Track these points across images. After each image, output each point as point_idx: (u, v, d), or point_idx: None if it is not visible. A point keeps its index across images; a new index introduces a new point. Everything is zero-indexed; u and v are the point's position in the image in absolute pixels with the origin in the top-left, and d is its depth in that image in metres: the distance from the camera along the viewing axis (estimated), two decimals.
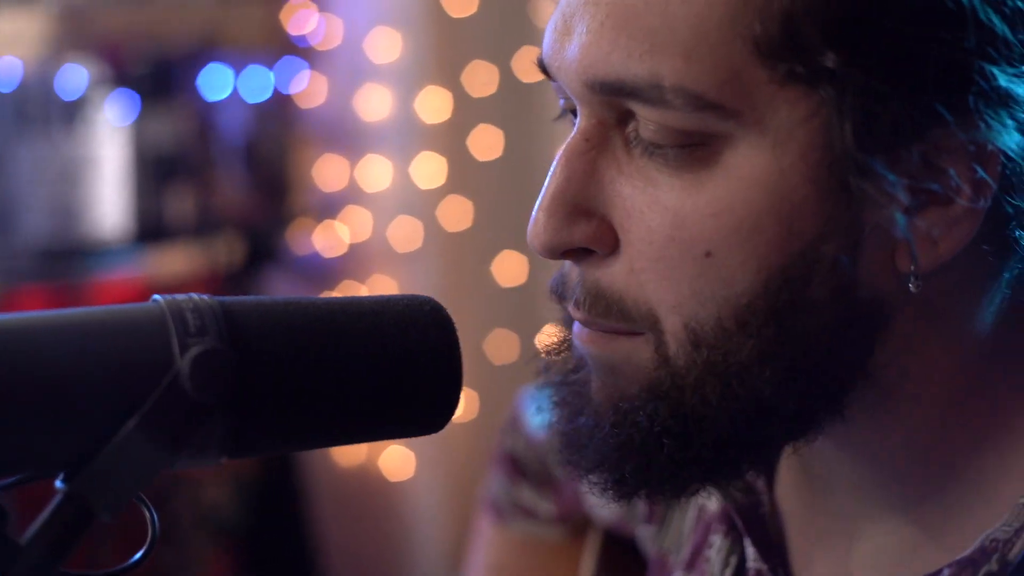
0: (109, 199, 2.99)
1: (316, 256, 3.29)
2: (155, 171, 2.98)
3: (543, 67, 0.82)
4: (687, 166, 0.75)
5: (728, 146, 0.75)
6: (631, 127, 0.78)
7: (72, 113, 3.08)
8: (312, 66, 3.33)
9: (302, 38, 3.34)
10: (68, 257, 2.95)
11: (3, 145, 3.03)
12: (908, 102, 0.73)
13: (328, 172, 3.32)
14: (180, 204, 3.14)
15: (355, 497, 3.40)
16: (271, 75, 3.39)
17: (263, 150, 3.39)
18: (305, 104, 3.37)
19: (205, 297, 0.70)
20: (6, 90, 3.15)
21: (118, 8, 3.56)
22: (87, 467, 0.66)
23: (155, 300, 0.70)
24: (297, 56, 3.35)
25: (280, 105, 3.38)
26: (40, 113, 3.11)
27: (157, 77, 2.98)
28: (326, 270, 3.27)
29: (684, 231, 0.75)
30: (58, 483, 0.67)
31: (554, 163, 0.79)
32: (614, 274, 0.78)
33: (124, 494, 0.67)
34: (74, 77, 3.61)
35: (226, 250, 3.14)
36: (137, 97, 2.98)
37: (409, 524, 3.25)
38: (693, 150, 0.75)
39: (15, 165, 3.01)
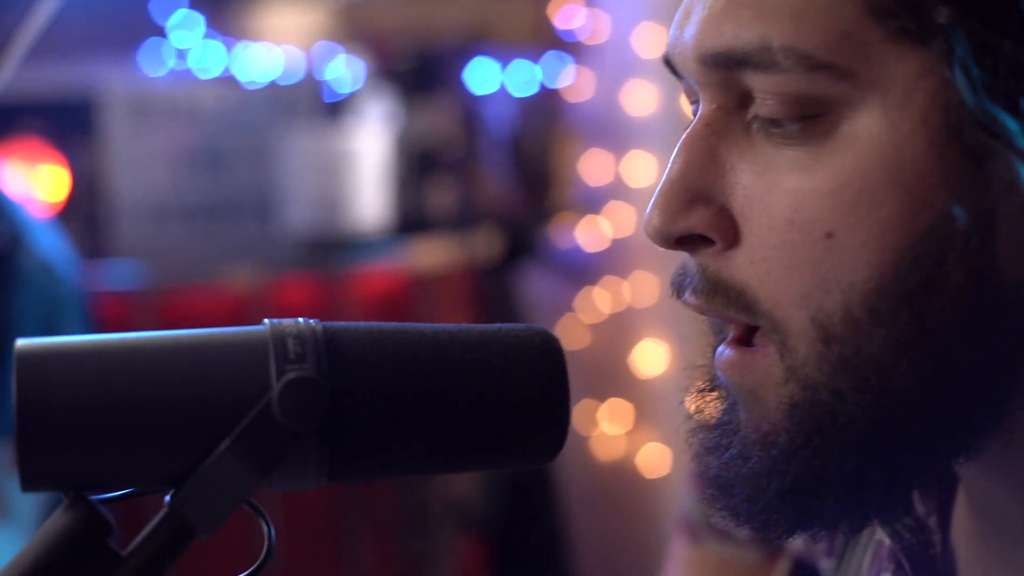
0: (372, 191, 3.05)
1: (577, 250, 3.30)
2: (418, 164, 3.03)
3: (668, 63, 0.80)
4: (805, 142, 0.72)
5: (845, 114, 0.71)
6: (751, 111, 0.75)
7: (339, 106, 3.17)
8: (578, 61, 3.33)
9: (569, 33, 3.35)
10: (331, 248, 3.03)
11: (272, 136, 3.13)
12: None
13: (592, 167, 3.31)
14: (442, 197, 3.18)
15: (609, 492, 3.39)
16: (537, 69, 3.40)
17: (527, 144, 3.41)
18: (571, 99, 3.37)
19: (312, 323, 0.70)
20: (282, 82, 3.25)
21: (390, 3, 3.64)
22: (185, 484, 0.67)
23: (264, 324, 0.70)
24: (564, 51, 3.36)
25: (546, 99, 3.40)
26: (309, 106, 3.20)
27: (423, 72, 3.03)
28: (587, 265, 3.27)
29: (803, 212, 0.71)
30: (166, 499, 0.68)
31: (675, 150, 0.77)
32: (735, 265, 0.75)
33: (219, 512, 0.68)
34: (344, 71, 3.71)
35: (485, 243, 3.17)
36: (402, 91, 3.03)
37: (663, 522, 3.23)
38: (810, 123, 0.71)
39: (283, 156, 3.11)
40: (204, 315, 2.90)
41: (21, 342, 0.67)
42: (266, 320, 0.70)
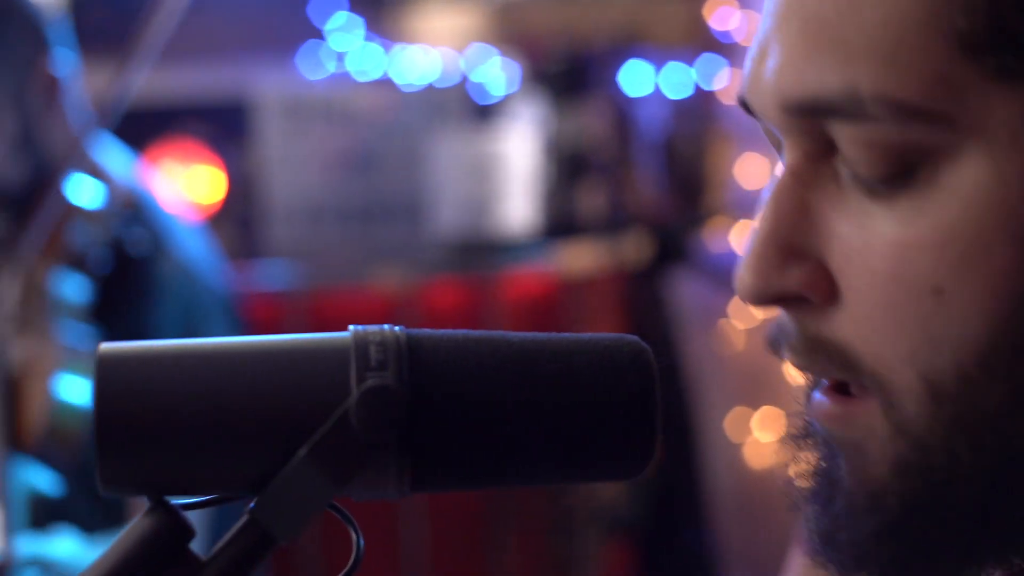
0: (522, 194, 3.06)
1: (731, 255, 3.26)
2: (569, 167, 3.03)
3: (744, 104, 0.76)
4: (903, 192, 0.68)
5: (944, 162, 0.67)
6: (840, 157, 0.71)
7: (491, 109, 3.18)
8: (733, 63, 3.29)
9: (724, 34, 3.31)
10: (480, 251, 3.05)
11: (424, 139, 3.16)
12: None
13: (747, 170, 3.28)
14: (592, 200, 3.18)
15: (761, 500, 3.36)
16: (692, 71, 3.37)
17: (681, 147, 3.39)
18: (726, 101, 3.34)
19: (396, 330, 0.69)
20: (436, 85, 3.28)
21: (544, 5, 3.65)
22: (264, 492, 0.67)
23: (348, 331, 0.69)
24: (719, 53, 3.33)
25: (700, 102, 3.37)
26: (461, 108, 3.22)
27: (575, 74, 3.03)
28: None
29: (907, 267, 0.67)
30: (251, 506, 0.68)
31: (762, 203, 0.73)
32: (835, 323, 0.70)
33: (298, 520, 0.67)
34: (497, 73, 3.72)
35: (635, 247, 3.15)
36: (554, 93, 3.03)
37: None
38: (907, 172, 0.68)
39: (434, 159, 3.13)
40: (354, 316, 2.90)
41: (103, 346, 0.68)
42: (351, 327, 0.70)
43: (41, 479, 1.80)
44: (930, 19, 0.66)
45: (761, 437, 3.40)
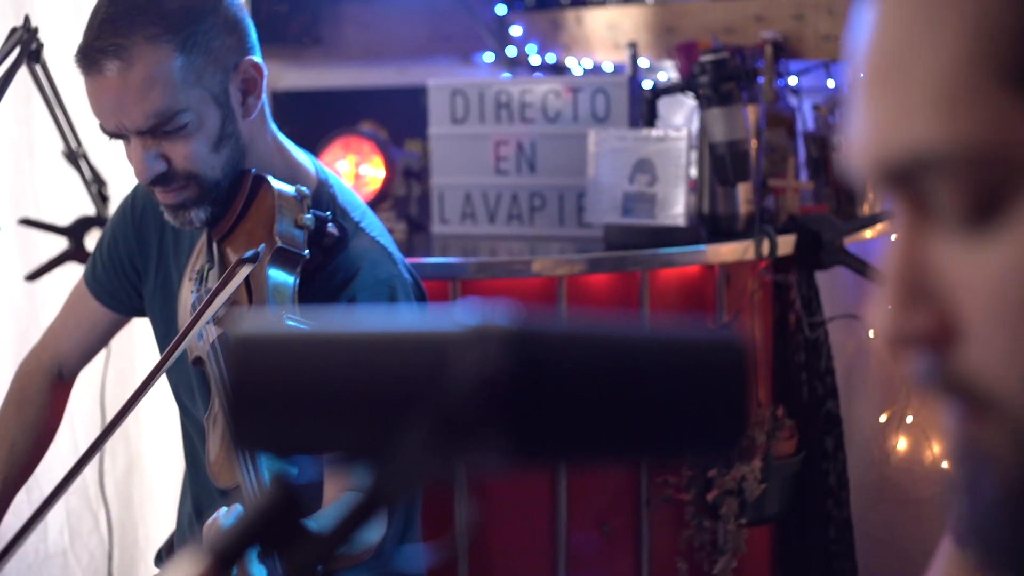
0: (680, 190, 3.14)
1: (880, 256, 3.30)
2: (725, 164, 3.09)
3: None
4: (999, 224, 0.71)
5: (1022, 191, 0.70)
6: (935, 196, 0.74)
7: (652, 105, 3.27)
8: None
9: None
10: (638, 244, 3.13)
11: (587, 132, 3.26)
12: None
13: None
14: (748, 197, 3.24)
15: (900, 494, 3.39)
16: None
17: (838, 151, 3.43)
18: None
19: (509, 318, 0.77)
20: (598, 80, 3.37)
21: (702, 5, 3.71)
22: (374, 462, 0.77)
23: (464, 319, 0.78)
24: None
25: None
26: (623, 103, 3.31)
27: (733, 73, 3.08)
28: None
29: (1016, 293, 0.71)
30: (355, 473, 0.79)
31: (885, 255, 0.77)
32: (963, 360, 0.74)
33: (404, 489, 0.77)
34: (657, 70, 3.80)
35: (789, 245, 3.21)
36: (713, 92, 3.09)
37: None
38: (998, 205, 0.71)
39: (596, 152, 3.23)
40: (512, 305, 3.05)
41: (240, 327, 0.79)
42: (465, 316, 0.78)
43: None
44: (982, 60, 0.69)
45: (903, 432, 3.44)
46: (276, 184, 2.02)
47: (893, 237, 0.76)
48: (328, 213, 2.05)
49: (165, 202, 2.06)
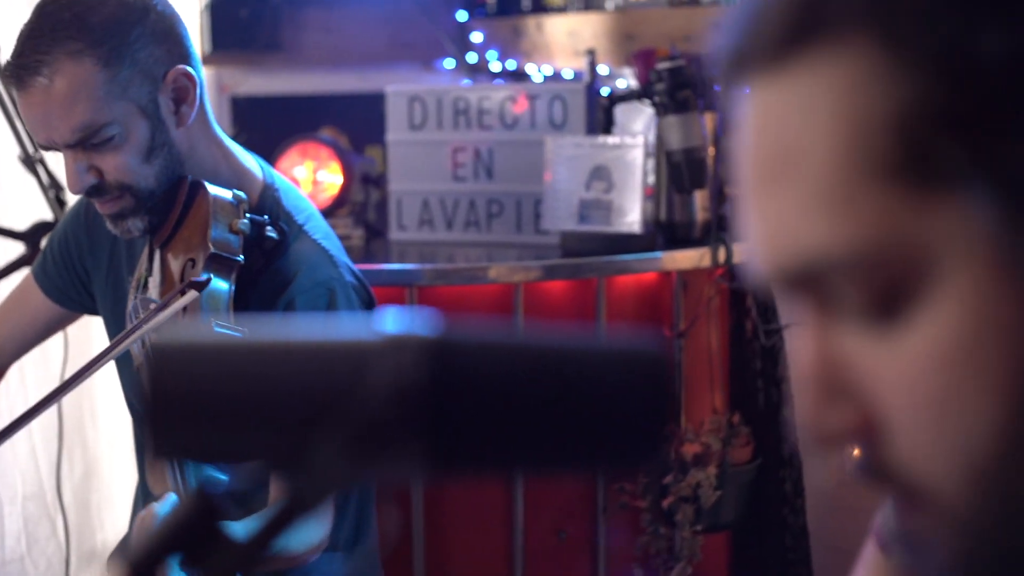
0: (635, 197, 3.15)
1: None
2: (679, 172, 3.11)
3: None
4: (904, 318, 0.71)
5: (928, 282, 0.70)
6: (837, 296, 0.74)
7: (608, 113, 3.28)
8: None
9: None
10: (594, 251, 3.14)
11: (543, 140, 3.26)
12: None
13: None
14: (703, 204, 3.26)
15: (854, 500, 3.41)
16: None
17: None
18: None
19: (425, 325, 0.77)
20: (555, 87, 3.38)
21: (659, 12, 3.72)
22: (288, 470, 0.77)
23: (378, 327, 0.77)
24: None
25: None
26: (579, 111, 3.32)
27: (688, 80, 3.10)
28: None
29: (928, 385, 0.71)
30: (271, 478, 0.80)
31: (798, 351, 0.77)
32: (888, 451, 0.74)
33: (319, 497, 0.77)
34: (613, 78, 3.81)
35: (737, 252, 3.23)
36: (669, 99, 3.11)
37: None
38: (899, 301, 0.71)
39: (551, 160, 3.24)
40: (469, 311, 3.06)
41: (157, 337, 0.79)
42: (380, 323, 0.78)
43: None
44: (861, 159, 0.69)
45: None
46: (212, 190, 2.03)
47: (803, 342, 0.75)
48: (266, 217, 2.05)
49: (103, 212, 2.07)
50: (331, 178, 3.42)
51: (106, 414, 3.41)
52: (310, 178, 3.41)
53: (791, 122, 0.72)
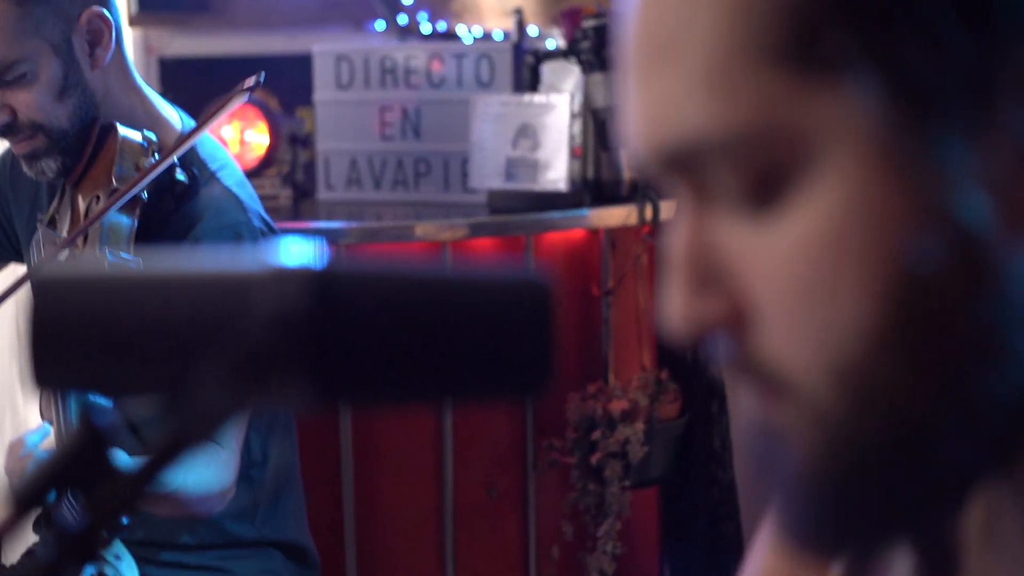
0: (561, 155, 3.16)
1: None
2: (605, 130, 3.13)
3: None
4: (778, 205, 0.71)
5: (805, 170, 0.70)
6: (714, 180, 0.73)
7: (534, 72, 3.28)
8: None
9: None
10: (520, 209, 3.15)
11: (469, 99, 3.27)
12: (952, 59, 0.68)
13: None
14: (624, 165, 3.27)
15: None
16: None
17: None
18: None
19: (311, 256, 0.77)
20: (482, 47, 3.38)
21: None
22: (173, 400, 0.76)
23: (264, 258, 0.77)
24: None
25: None
26: (505, 70, 3.32)
27: (606, 42, 3.11)
28: None
29: (798, 274, 0.70)
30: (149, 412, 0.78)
31: (672, 238, 0.76)
32: (756, 341, 0.74)
33: (207, 426, 0.76)
34: (540, 38, 3.81)
35: (664, 209, 3.24)
36: (594, 58, 3.12)
37: None
38: (776, 187, 0.70)
39: (478, 119, 3.24)
40: None
41: (44, 268, 0.80)
42: (266, 255, 0.78)
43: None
44: (745, 42, 0.69)
45: None
46: (122, 131, 2.05)
47: (674, 228, 0.75)
48: (175, 159, 2.06)
49: (16, 152, 2.10)
50: (258, 138, 3.42)
51: None
52: (237, 138, 3.40)
53: (678, 2, 0.72)
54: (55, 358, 0.79)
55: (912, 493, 0.75)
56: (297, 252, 0.79)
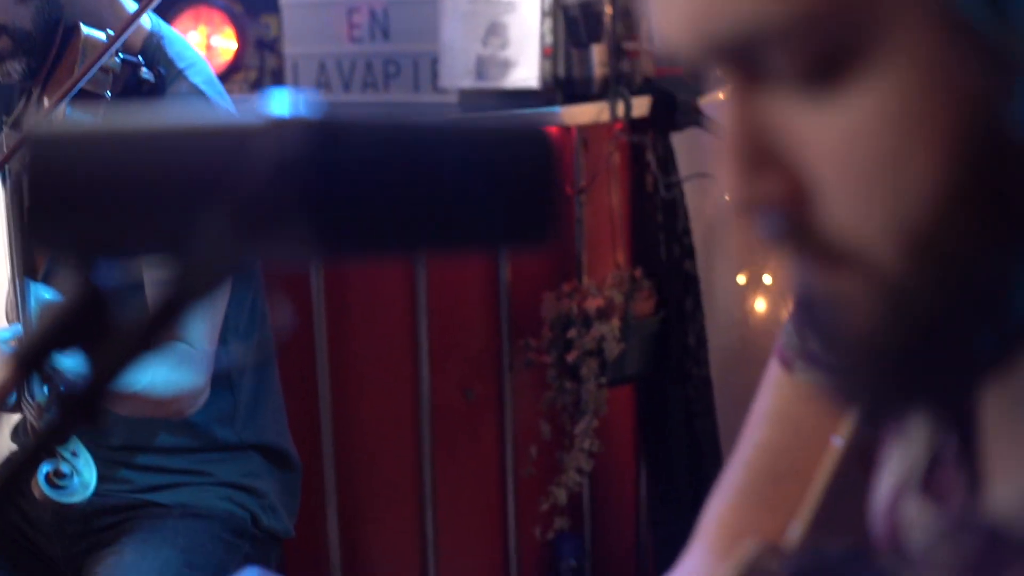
0: (531, 51, 3.14)
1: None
2: (577, 25, 3.10)
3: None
4: (840, 86, 0.71)
5: (869, 53, 0.70)
6: (769, 64, 0.73)
7: None
8: None
9: None
10: (489, 106, 3.13)
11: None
12: None
13: None
14: (596, 62, 3.25)
15: (759, 344, 3.47)
16: None
17: None
18: None
19: (312, 106, 0.75)
20: None
21: None
22: (179, 255, 0.75)
23: (264, 110, 0.75)
24: None
25: None
26: None
27: None
28: None
29: (862, 151, 0.72)
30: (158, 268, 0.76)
31: (722, 124, 0.77)
32: (816, 217, 0.75)
33: (210, 279, 0.75)
34: None
35: (636, 106, 3.23)
36: None
37: None
38: (837, 69, 0.71)
39: (445, 16, 3.21)
40: None
41: (35, 124, 0.77)
42: (266, 107, 0.75)
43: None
44: None
45: (762, 293, 3.50)
46: (86, 31, 2.04)
47: (727, 111, 0.75)
48: (140, 58, 2.06)
49: None
50: (225, 43, 3.38)
51: None
52: (204, 43, 3.37)
53: None
54: (55, 217, 0.77)
55: (980, 355, 0.77)
56: (293, 103, 0.78)
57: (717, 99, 3.14)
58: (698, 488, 3.33)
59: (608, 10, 3.15)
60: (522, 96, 3.14)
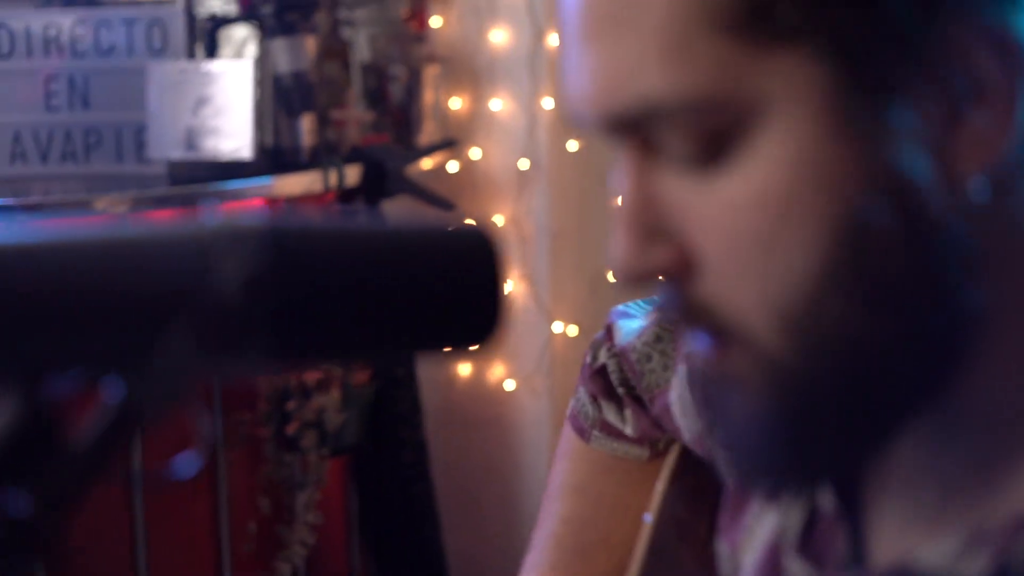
0: (239, 123, 3.09)
1: (438, 180, 3.39)
2: (285, 97, 3.08)
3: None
4: (726, 163, 0.75)
5: (752, 131, 0.75)
6: (662, 140, 0.78)
7: (207, 38, 3.19)
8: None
9: None
10: (197, 179, 3.07)
11: (139, 65, 3.14)
12: (898, 22, 0.73)
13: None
14: (305, 131, 3.23)
15: (465, 406, 3.52)
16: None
17: (393, 79, 3.47)
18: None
19: (262, 215, 0.75)
20: (148, 9, 3.26)
21: None
22: (133, 370, 0.72)
23: (214, 215, 0.75)
24: None
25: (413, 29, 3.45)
26: (176, 33, 3.21)
27: (290, 6, 3.06)
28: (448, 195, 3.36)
29: (744, 226, 0.76)
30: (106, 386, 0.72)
31: (615, 193, 0.81)
32: (700, 290, 0.78)
33: (167, 398, 0.73)
34: (210, 3, 3.71)
35: (351, 175, 3.22)
36: (273, 20, 3.06)
37: (514, 434, 3.41)
38: (725, 147, 0.75)
39: (149, 86, 3.12)
40: None
41: None
42: (213, 213, 0.75)
43: None
44: (702, 12, 0.73)
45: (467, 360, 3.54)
46: None
47: (621, 181, 0.79)
48: None
49: None
50: None
51: None
52: None
53: None
54: (7, 333, 0.73)
55: (860, 429, 0.81)
56: (240, 210, 0.76)
57: (423, 167, 3.19)
58: (419, 552, 3.33)
59: (322, 84, 3.15)
60: (232, 167, 3.08)
